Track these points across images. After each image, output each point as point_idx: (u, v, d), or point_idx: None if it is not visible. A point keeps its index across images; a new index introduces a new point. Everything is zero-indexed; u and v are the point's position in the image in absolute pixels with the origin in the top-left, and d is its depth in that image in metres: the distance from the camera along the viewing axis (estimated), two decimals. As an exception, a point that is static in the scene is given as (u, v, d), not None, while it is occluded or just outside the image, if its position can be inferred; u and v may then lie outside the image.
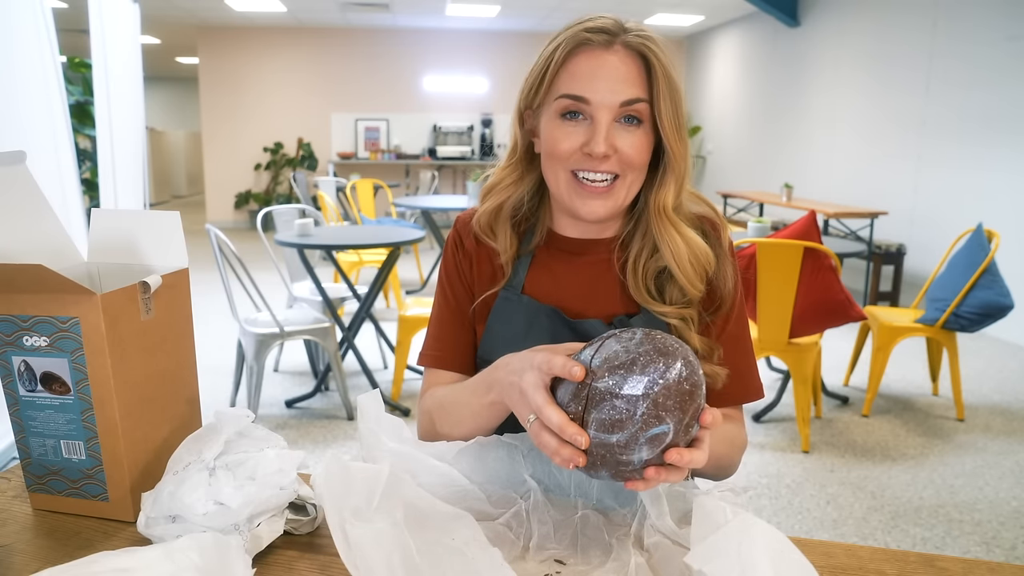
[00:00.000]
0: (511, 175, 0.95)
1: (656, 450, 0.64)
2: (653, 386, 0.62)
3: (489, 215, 0.96)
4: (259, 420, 1.30)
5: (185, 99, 14.59)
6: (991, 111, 4.76)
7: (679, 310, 0.89)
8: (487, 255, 0.98)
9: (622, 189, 0.87)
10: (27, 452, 0.80)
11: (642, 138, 0.85)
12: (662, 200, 0.88)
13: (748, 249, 2.74)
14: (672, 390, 0.63)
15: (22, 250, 0.79)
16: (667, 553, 0.70)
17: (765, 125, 7.90)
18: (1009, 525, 2.34)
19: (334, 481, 0.66)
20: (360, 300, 3.40)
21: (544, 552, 0.72)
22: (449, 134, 9.49)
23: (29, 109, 2.68)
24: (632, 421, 0.63)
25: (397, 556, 0.63)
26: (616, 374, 0.64)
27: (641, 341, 0.66)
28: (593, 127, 0.84)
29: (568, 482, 0.81)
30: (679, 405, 0.63)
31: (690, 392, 0.64)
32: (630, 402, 0.63)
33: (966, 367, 3.78)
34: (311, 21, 8.79)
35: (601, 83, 0.83)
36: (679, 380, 0.63)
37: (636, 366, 0.64)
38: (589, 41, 0.84)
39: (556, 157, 0.86)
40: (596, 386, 0.64)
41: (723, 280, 0.92)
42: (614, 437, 0.63)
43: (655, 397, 0.62)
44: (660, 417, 0.62)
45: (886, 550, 0.76)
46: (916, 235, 5.46)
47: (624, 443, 0.63)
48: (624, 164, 0.85)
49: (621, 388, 0.63)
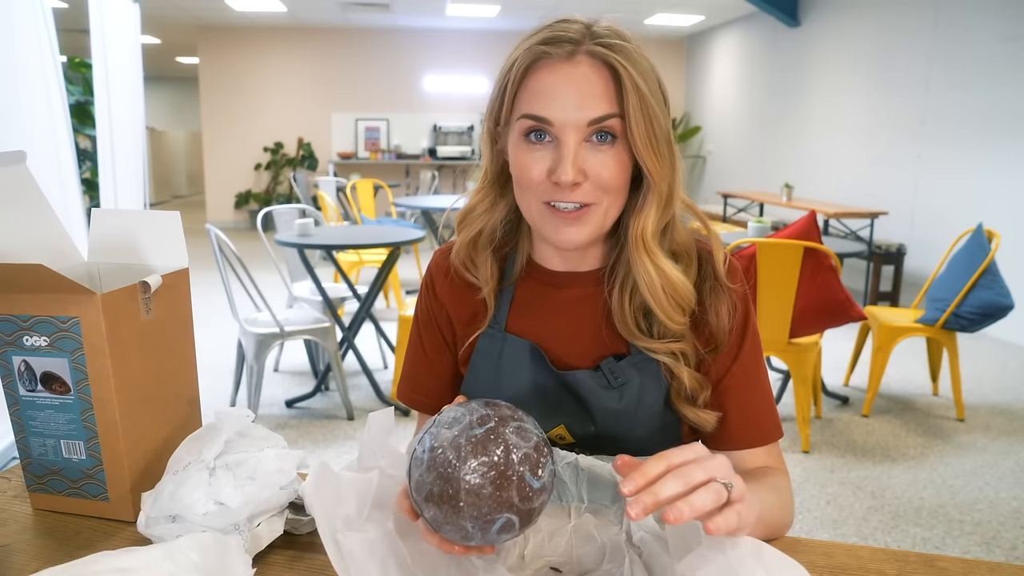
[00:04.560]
0: (485, 200, 0.86)
1: (519, 527, 0.61)
2: (461, 502, 0.59)
3: (467, 247, 0.88)
4: (259, 420, 1.30)
5: (185, 99, 14.58)
6: (991, 111, 4.76)
7: (668, 345, 0.80)
8: (464, 294, 0.90)
9: (597, 215, 0.77)
10: (27, 452, 0.80)
11: (617, 157, 0.75)
12: (641, 226, 0.78)
13: (748, 249, 2.74)
14: (484, 492, 0.59)
15: (22, 250, 0.79)
16: (655, 549, 0.70)
17: (765, 125, 7.90)
18: (1009, 525, 2.34)
19: (324, 490, 0.65)
20: (360, 300, 3.40)
21: (540, 560, 0.72)
22: (449, 134, 9.49)
23: (29, 109, 2.68)
24: (470, 534, 0.60)
25: (392, 565, 0.63)
26: (428, 507, 0.61)
27: (445, 447, 0.61)
28: (559, 150, 0.74)
29: (555, 492, 0.81)
30: (499, 496, 0.60)
31: (503, 476, 0.60)
32: (456, 526, 0.60)
33: (966, 367, 3.77)
34: (311, 21, 8.80)
35: (564, 101, 0.73)
36: (484, 479, 0.59)
37: (437, 487, 0.60)
38: (547, 55, 0.74)
39: (526, 186, 0.78)
40: (426, 517, 0.62)
41: (715, 315, 0.82)
42: (472, 542, 0.62)
43: (469, 511, 0.59)
44: (488, 519, 0.60)
45: (886, 550, 0.76)
46: (916, 235, 5.46)
47: (487, 539, 0.61)
48: (598, 189, 0.75)
49: (440, 521, 0.61)
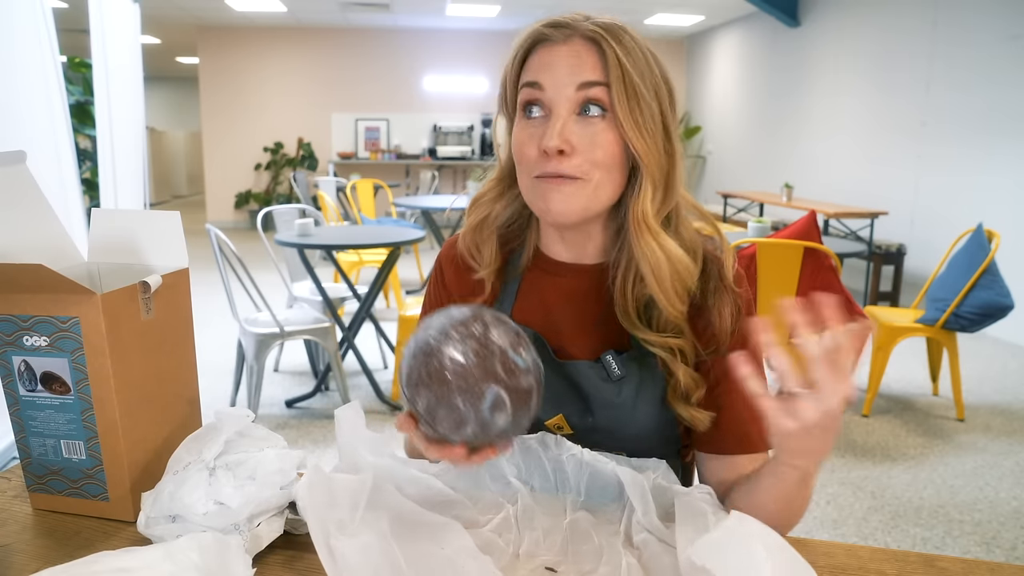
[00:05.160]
0: (495, 188, 0.90)
1: (511, 407, 0.63)
2: (447, 373, 0.62)
3: (473, 231, 0.91)
4: (259, 420, 1.30)
5: (185, 99, 14.58)
6: (991, 111, 4.76)
7: (666, 339, 0.81)
8: (471, 282, 0.93)
9: (586, 189, 0.78)
10: (27, 452, 0.80)
11: (606, 132, 0.77)
12: (641, 208, 0.79)
13: (748, 249, 2.74)
14: (469, 363, 0.62)
15: (22, 250, 0.79)
16: (655, 551, 0.70)
17: (765, 125, 7.90)
18: (1009, 525, 2.34)
19: (316, 492, 0.65)
20: (360, 300, 3.40)
21: (535, 559, 0.71)
22: (449, 134, 9.48)
23: (29, 109, 2.68)
24: (464, 415, 0.62)
25: (386, 569, 0.62)
26: (420, 394, 0.63)
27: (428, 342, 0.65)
28: (550, 121, 0.77)
29: (553, 480, 0.81)
30: (483, 367, 0.63)
31: (485, 348, 0.63)
32: (449, 406, 0.62)
33: (966, 367, 3.77)
34: (311, 21, 8.79)
35: (556, 70, 0.77)
36: (467, 350, 0.63)
37: (425, 367, 0.63)
38: (547, 36, 0.79)
39: (522, 162, 0.80)
40: (420, 413, 0.65)
41: (718, 316, 0.83)
42: (468, 427, 0.64)
43: (457, 382, 0.62)
44: (477, 391, 0.62)
45: (886, 550, 0.76)
46: (916, 235, 5.46)
47: (481, 420, 0.63)
48: (588, 163, 0.77)
49: (433, 407, 0.63)
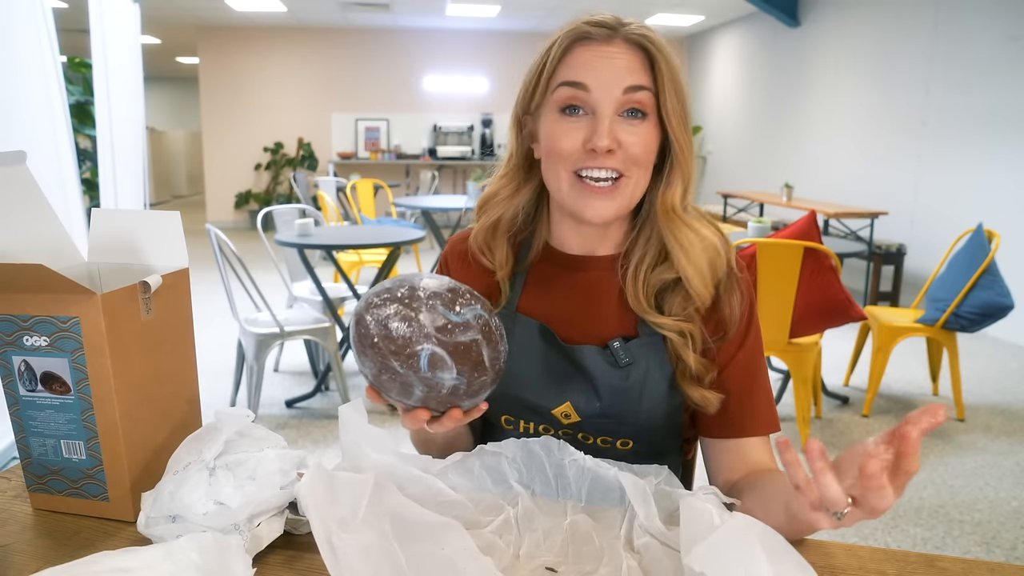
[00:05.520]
0: (508, 185, 0.89)
1: (455, 364, 0.69)
2: (376, 340, 0.71)
3: (486, 232, 0.91)
4: (259, 420, 1.30)
5: (185, 99, 14.58)
6: (991, 111, 4.75)
7: (678, 323, 0.83)
8: (480, 278, 0.93)
9: (627, 188, 0.81)
10: (27, 452, 0.80)
11: (647, 133, 0.80)
12: (670, 199, 0.82)
13: (748, 249, 2.74)
14: (394, 327, 0.69)
15: (22, 250, 0.79)
16: (657, 555, 0.69)
17: (765, 125, 7.90)
18: (1009, 525, 2.34)
19: (318, 491, 0.65)
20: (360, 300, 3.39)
21: (535, 560, 0.71)
22: (449, 134, 9.49)
23: (29, 109, 2.68)
24: (408, 380, 0.70)
25: (386, 568, 0.62)
26: (365, 366, 0.73)
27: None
28: (595, 121, 0.79)
29: (555, 484, 0.81)
30: (411, 328, 0.69)
31: (409, 308, 0.70)
32: (391, 372, 0.70)
33: (966, 367, 3.77)
34: (311, 21, 8.79)
35: (602, 72, 0.79)
36: (391, 314, 0.70)
37: (359, 341, 0.72)
38: (589, 35, 0.80)
39: (557, 157, 0.81)
40: (372, 382, 0.73)
41: (727, 305, 0.86)
42: (416, 391, 0.71)
43: (387, 346, 0.69)
44: (410, 353, 0.69)
45: (886, 550, 0.76)
46: (916, 235, 5.46)
47: (424, 381, 0.70)
48: (629, 161, 0.80)
49: (379, 376, 0.71)
